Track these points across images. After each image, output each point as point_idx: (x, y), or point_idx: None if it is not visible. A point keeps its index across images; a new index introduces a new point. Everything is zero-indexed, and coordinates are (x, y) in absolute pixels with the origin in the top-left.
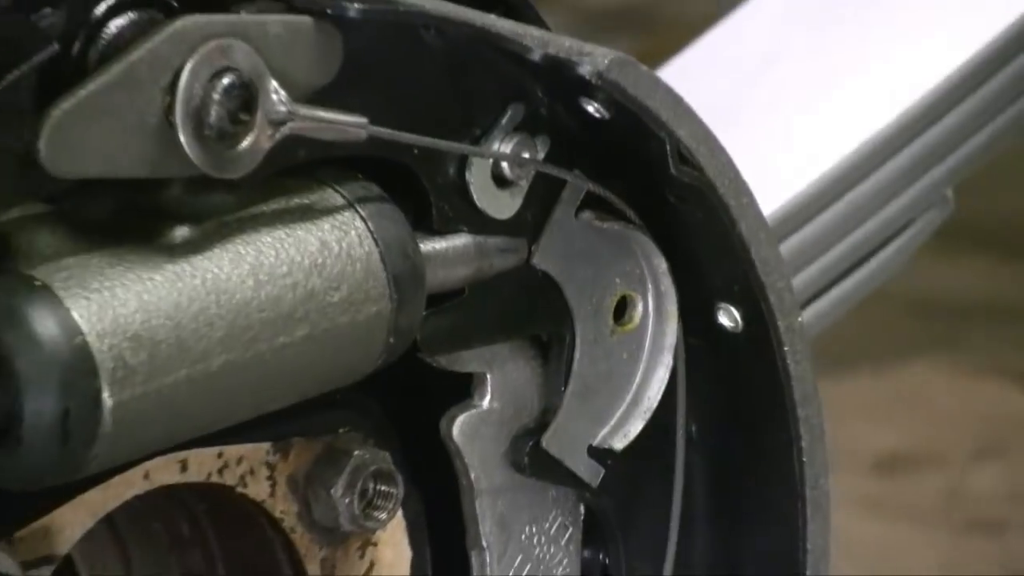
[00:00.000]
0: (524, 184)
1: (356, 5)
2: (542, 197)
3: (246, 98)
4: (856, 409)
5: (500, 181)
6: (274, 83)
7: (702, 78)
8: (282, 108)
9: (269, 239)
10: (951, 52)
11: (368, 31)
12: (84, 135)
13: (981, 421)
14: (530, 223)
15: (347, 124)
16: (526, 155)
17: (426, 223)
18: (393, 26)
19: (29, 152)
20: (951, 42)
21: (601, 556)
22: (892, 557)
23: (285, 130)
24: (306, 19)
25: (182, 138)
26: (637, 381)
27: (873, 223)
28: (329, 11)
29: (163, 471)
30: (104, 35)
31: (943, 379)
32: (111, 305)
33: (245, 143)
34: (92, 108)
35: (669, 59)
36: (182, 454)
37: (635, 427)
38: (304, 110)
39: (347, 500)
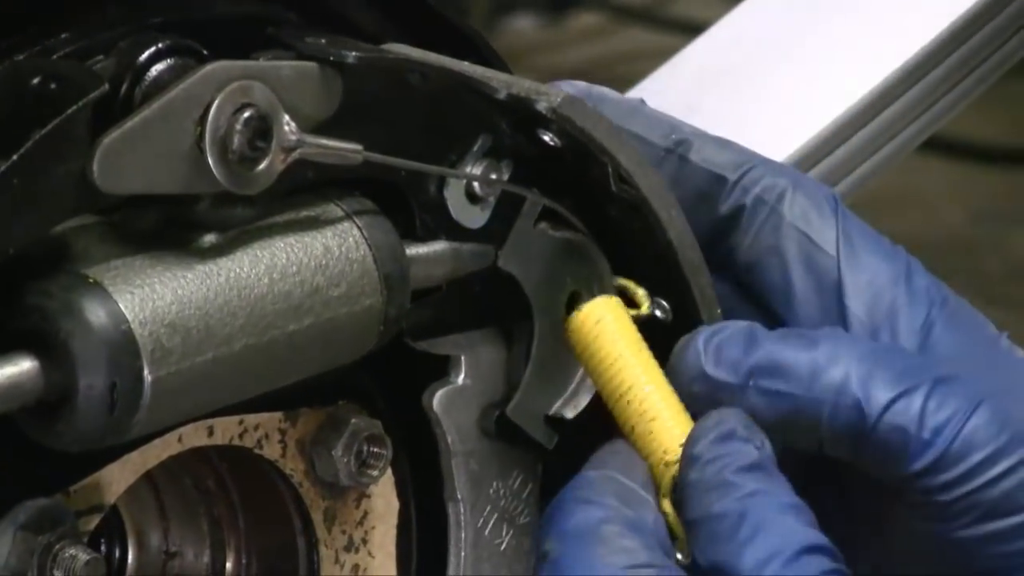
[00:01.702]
0: (492, 200)
1: (353, 54)
2: (506, 211)
3: (263, 128)
4: None
5: (472, 198)
6: (286, 116)
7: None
8: (293, 137)
9: (281, 244)
10: (847, 89)
11: (363, 74)
12: (129, 159)
13: None
14: (496, 232)
15: (346, 150)
16: (493, 176)
17: (411, 232)
18: (384, 71)
19: (85, 173)
20: (879, 53)
21: None
22: None
23: (295, 155)
24: (312, 64)
25: (210, 161)
26: None
27: None
28: (331, 58)
29: (193, 435)
30: (147, 78)
31: None
32: (151, 298)
33: (262, 166)
34: (136, 137)
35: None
36: (209, 421)
37: (584, 399)
38: (310, 139)
39: (345, 460)
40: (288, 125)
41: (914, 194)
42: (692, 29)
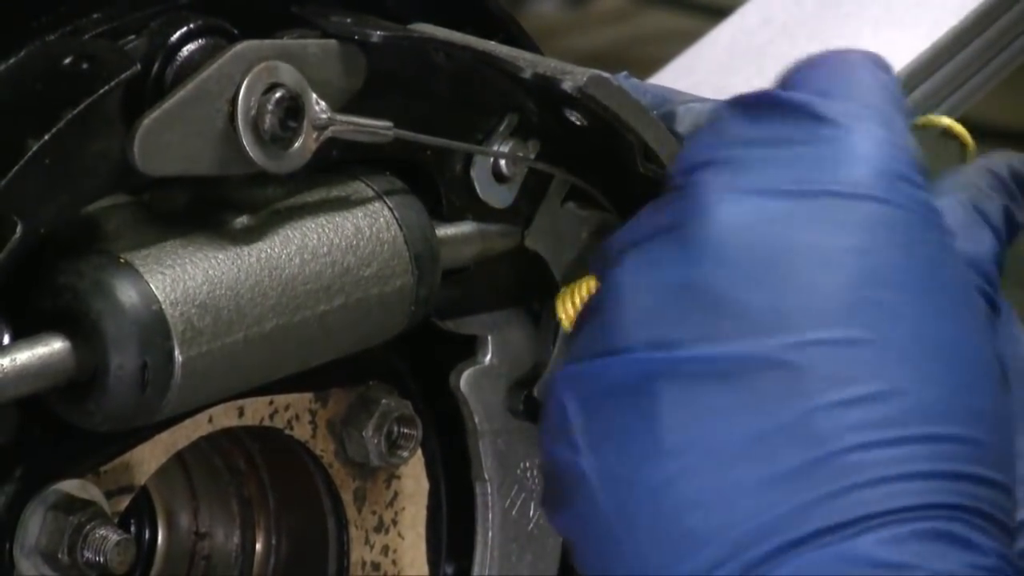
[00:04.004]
0: (519, 179)
1: (378, 33)
2: (533, 190)
3: (294, 108)
4: None
5: (499, 177)
6: (315, 96)
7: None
8: (324, 116)
9: (312, 224)
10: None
11: (388, 54)
12: (168, 140)
13: None
14: (523, 211)
15: (377, 127)
16: (520, 155)
17: (438, 212)
18: (409, 50)
19: (116, 153)
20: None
21: None
22: None
23: (327, 133)
24: (337, 43)
25: (244, 140)
26: None
27: None
28: (356, 37)
29: (224, 416)
30: (178, 58)
31: None
32: (182, 279)
33: (296, 145)
34: (174, 117)
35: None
36: (239, 402)
37: None
38: (341, 116)
39: (375, 440)
40: (318, 104)
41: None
42: (715, 11)
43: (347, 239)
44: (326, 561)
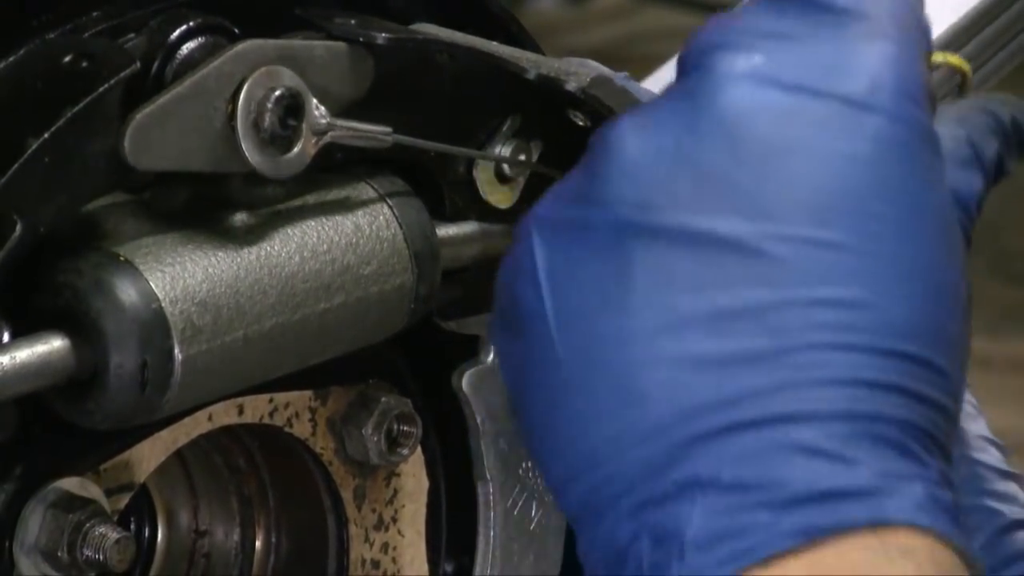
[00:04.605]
0: (521, 180)
1: (383, 34)
2: (536, 191)
3: (294, 107)
4: None
5: (501, 178)
6: (315, 101)
7: None
8: (323, 121)
9: (312, 223)
10: None
11: (392, 55)
12: (160, 135)
13: None
14: (526, 212)
15: (375, 133)
16: (522, 157)
17: (440, 212)
18: (413, 52)
19: (116, 151)
20: None
21: None
22: None
23: (326, 139)
24: (343, 45)
25: (243, 144)
26: None
27: None
28: (360, 38)
29: (223, 414)
30: (178, 56)
31: None
32: (182, 277)
33: (295, 150)
34: (168, 113)
35: None
36: (239, 400)
37: None
38: (340, 122)
39: (375, 438)
40: (318, 109)
41: None
42: (714, 8)
43: (347, 237)
44: (326, 559)
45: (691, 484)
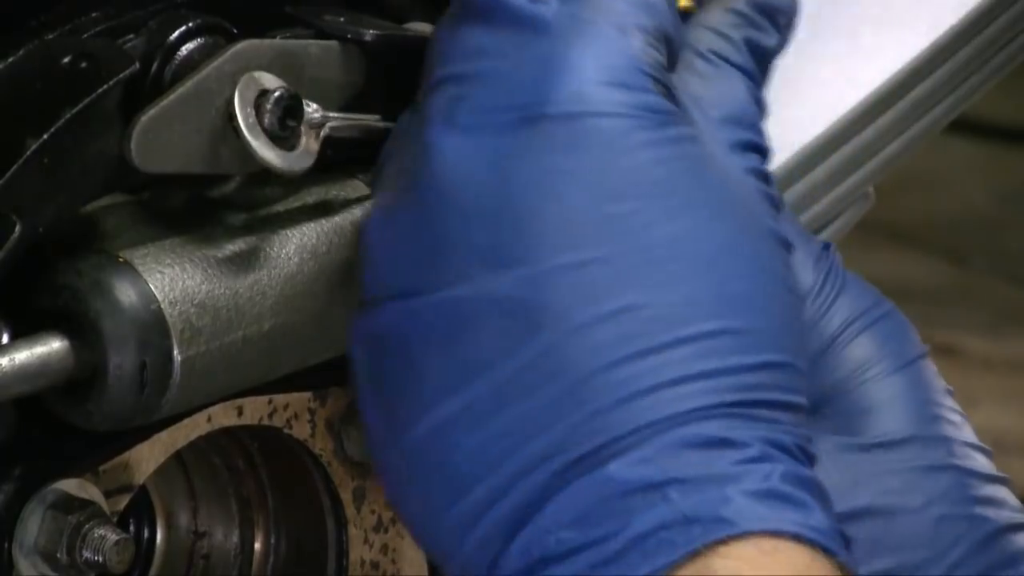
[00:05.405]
0: None
1: (371, 32)
2: None
3: (293, 107)
4: None
5: None
6: (304, 100)
7: None
8: (317, 115)
9: (311, 223)
10: (875, 71)
11: (383, 52)
12: (166, 137)
13: None
14: None
15: (369, 121)
16: None
17: None
18: (403, 49)
19: (115, 152)
20: (873, 63)
21: None
22: None
23: (325, 131)
24: (336, 43)
25: (252, 143)
26: None
27: (805, 216)
28: (349, 36)
29: (223, 415)
30: (177, 57)
31: None
32: (181, 278)
33: (301, 145)
34: (172, 115)
35: None
36: (239, 401)
37: None
38: (334, 114)
39: None
40: (309, 105)
41: (940, 174)
42: None
43: (345, 237)
44: (325, 560)
45: (532, 558)
